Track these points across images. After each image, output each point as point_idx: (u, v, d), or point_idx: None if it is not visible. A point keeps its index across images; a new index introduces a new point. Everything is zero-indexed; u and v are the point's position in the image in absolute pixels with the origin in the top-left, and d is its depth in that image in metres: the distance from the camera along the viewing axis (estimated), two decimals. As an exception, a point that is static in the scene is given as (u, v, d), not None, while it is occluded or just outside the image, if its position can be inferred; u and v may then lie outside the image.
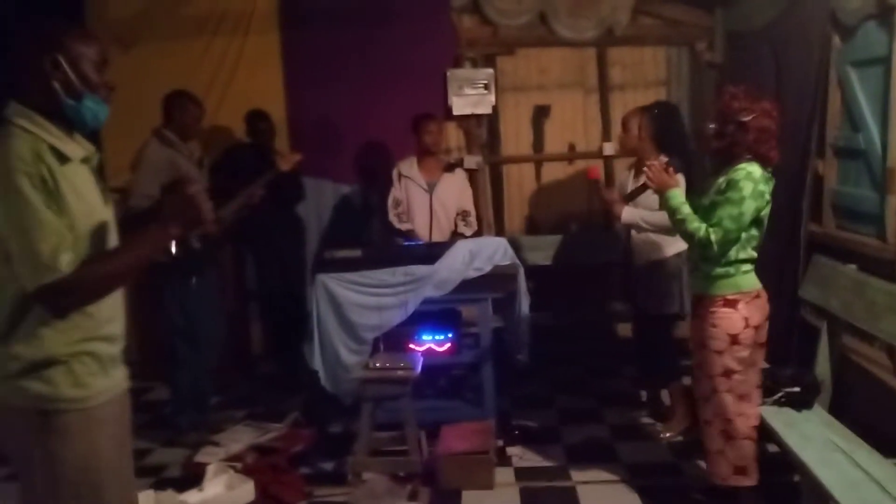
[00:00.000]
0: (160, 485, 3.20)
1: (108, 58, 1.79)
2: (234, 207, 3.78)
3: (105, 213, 1.78)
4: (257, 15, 5.00)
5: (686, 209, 2.65)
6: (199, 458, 3.38)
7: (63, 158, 1.66)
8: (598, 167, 3.91)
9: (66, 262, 1.59)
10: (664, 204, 2.72)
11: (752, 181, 2.55)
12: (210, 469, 3.10)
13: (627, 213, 3.48)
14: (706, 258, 2.65)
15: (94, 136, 1.87)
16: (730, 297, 2.63)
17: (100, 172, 1.84)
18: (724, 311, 2.63)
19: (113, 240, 1.80)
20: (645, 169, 2.80)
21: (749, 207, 2.54)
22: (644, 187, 2.95)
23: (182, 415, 3.82)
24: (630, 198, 3.29)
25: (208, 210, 1.74)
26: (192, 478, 3.19)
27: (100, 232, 1.73)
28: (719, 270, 2.64)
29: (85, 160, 1.74)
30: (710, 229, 2.56)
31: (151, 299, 3.92)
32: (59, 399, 1.68)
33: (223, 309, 4.00)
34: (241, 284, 4.65)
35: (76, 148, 1.73)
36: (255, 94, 4.81)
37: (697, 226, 2.59)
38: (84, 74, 1.71)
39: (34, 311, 1.65)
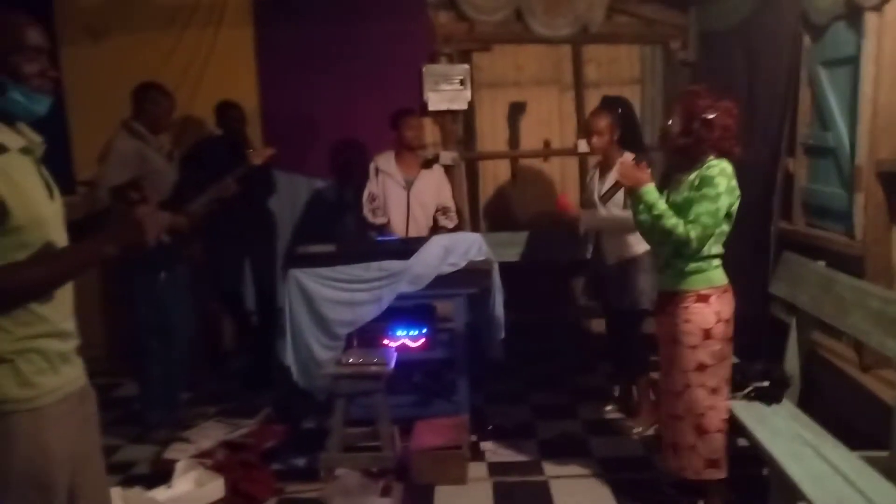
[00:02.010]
0: (128, 482, 3.16)
1: (44, 44, 1.69)
2: (204, 201, 3.72)
3: (47, 205, 1.69)
4: (230, 7, 4.94)
5: (662, 205, 2.66)
6: (169, 454, 3.34)
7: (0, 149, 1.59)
8: (567, 197, 4.01)
9: None
10: (639, 199, 2.71)
11: (725, 177, 2.59)
12: (179, 466, 3.06)
13: (586, 221, 3.58)
14: (680, 254, 2.66)
15: (48, 122, 1.76)
16: (703, 291, 2.65)
17: (58, 164, 1.78)
18: (696, 307, 2.65)
19: (56, 232, 1.71)
20: (618, 166, 2.81)
21: (724, 203, 2.58)
22: (618, 186, 2.95)
23: (152, 411, 3.76)
24: (605, 199, 3.30)
25: (154, 234, 1.70)
26: (161, 475, 3.15)
27: (38, 224, 1.64)
28: (692, 266, 2.66)
29: (25, 150, 1.66)
30: (689, 225, 2.57)
31: (120, 293, 3.87)
32: (5, 400, 1.60)
33: (193, 303, 3.94)
34: (212, 279, 4.58)
35: (15, 138, 1.64)
36: (227, 87, 4.75)
37: (675, 222, 2.60)
38: (12, 65, 1.61)
39: None
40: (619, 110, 3.68)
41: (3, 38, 1.62)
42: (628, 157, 3.40)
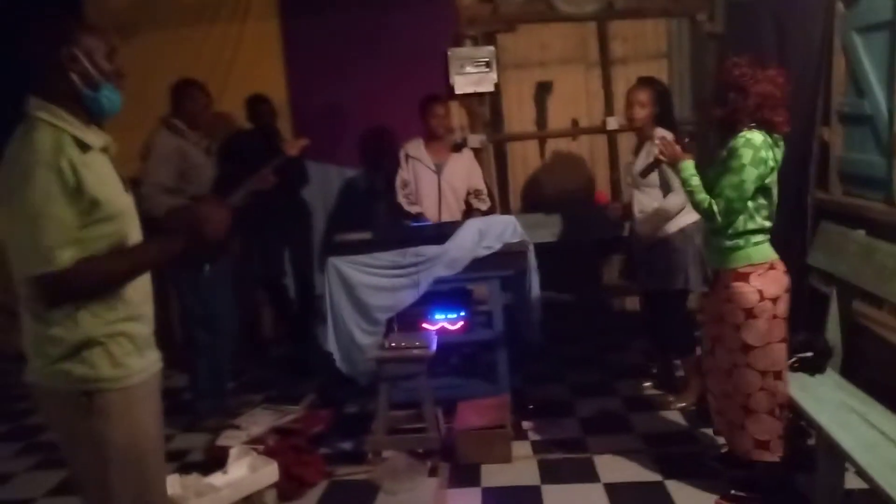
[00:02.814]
0: (184, 469, 3.26)
1: (116, 46, 1.83)
2: (242, 194, 3.79)
3: (125, 199, 1.83)
4: (256, 1, 4.98)
5: (695, 181, 2.65)
6: (221, 441, 3.42)
7: (84, 147, 1.71)
8: (604, 192, 4.01)
9: (67, 257, 1.64)
10: (678, 175, 2.72)
11: (751, 147, 2.51)
12: (233, 452, 3.14)
13: (644, 231, 3.61)
14: (715, 230, 2.64)
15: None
16: (741, 269, 2.59)
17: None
18: (736, 285, 2.59)
19: (133, 226, 1.85)
20: (656, 142, 2.80)
21: (750, 175, 2.50)
22: (656, 163, 2.92)
23: (201, 400, 3.86)
24: (644, 174, 3.29)
25: (220, 228, 1.84)
26: (215, 461, 3.23)
27: (120, 215, 1.78)
28: (729, 243, 2.61)
29: (104, 149, 1.80)
30: (714, 200, 2.55)
31: (166, 288, 3.96)
32: (101, 379, 1.75)
33: (236, 294, 4.03)
34: (252, 270, 4.67)
35: (96, 137, 1.77)
36: (256, 80, 4.81)
37: (703, 197, 2.59)
38: (99, 65, 1.76)
39: None
40: (658, 87, 3.68)
41: (94, 40, 1.75)
42: (663, 132, 3.40)
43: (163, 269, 3.69)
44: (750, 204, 2.57)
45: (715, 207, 2.53)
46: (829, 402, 2.71)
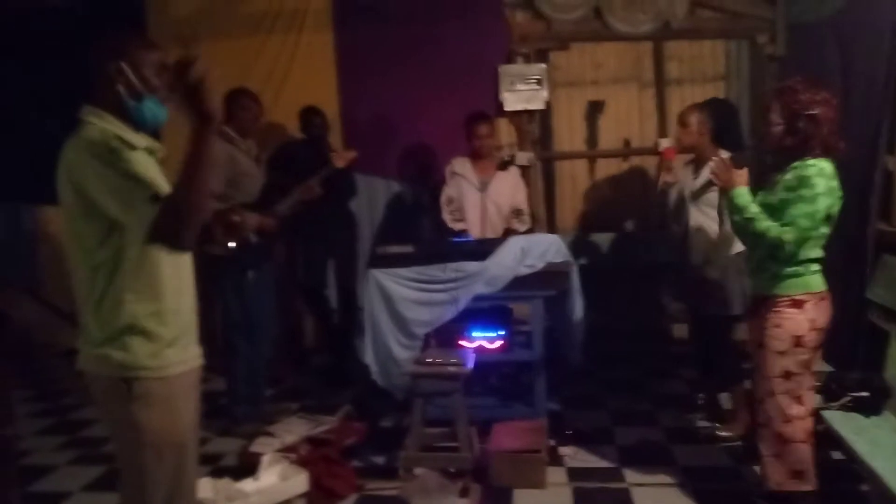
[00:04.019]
0: (217, 473, 3.27)
1: (168, 63, 1.90)
2: (290, 202, 3.84)
3: None
4: (311, 12, 5.07)
5: (755, 208, 2.57)
6: (255, 448, 3.44)
7: (130, 146, 1.80)
8: (673, 149, 3.86)
9: (150, 208, 1.71)
10: (730, 201, 2.63)
11: (824, 177, 2.46)
12: (265, 459, 3.15)
13: (709, 268, 3.50)
14: (775, 257, 2.55)
15: (155, 136, 2.00)
16: (797, 297, 2.54)
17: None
18: (790, 312, 2.54)
19: None
20: (711, 164, 2.71)
21: (823, 204, 2.46)
22: (710, 184, 2.85)
23: (238, 406, 3.89)
24: (696, 196, 3.20)
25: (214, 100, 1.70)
26: (247, 467, 3.25)
27: None
28: (788, 270, 2.54)
29: (149, 150, 1.88)
30: (785, 228, 2.47)
31: (208, 293, 4.01)
32: (140, 367, 1.82)
33: (277, 302, 4.06)
34: (296, 279, 4.71)
35: (140, 138, 1.87)
36: (309, 91, 4.88)
37: (768, 225, 2.51)
38: (144, 78, 1.86)
39: (118, 278, 1.80)
40: (715, 108, 3.61)
41: (144, 55, 1.87)
42: (723, 154, 3.31)
43: (207, 271, 3.76)
44: (814, 232, 2.51)
45: (787, 236, 2.46)
46: (886, 446, 2.56)
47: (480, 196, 4.26)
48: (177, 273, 1.91)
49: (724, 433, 3.59)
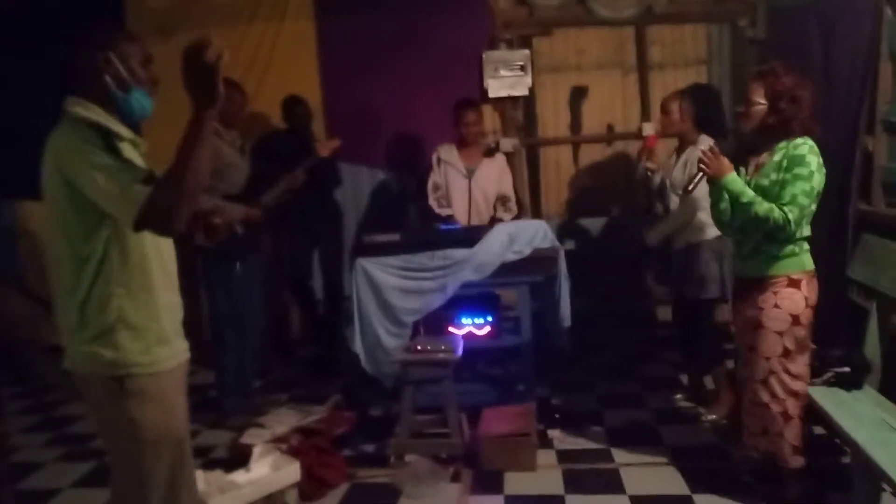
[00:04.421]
0: (208, 465, 3.28)
1: (152, 56, 1.92)
2: (275, 193, 3.82)
3: None
4: (293, 2, 5.02)
5: (749, 192, 2.58)
6: (245, 439, 3.43)
7: (117, 137, 1.80)
8: (656, 136, 3.89)
9: (144, 189, 1.67)
10: (722, 189, 2.64)
11: (815, 154, 2.53)
12: (256, 450, 3.15)
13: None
14: (773, 239, 2.58)
15: (135, 128, 1.97)
16: (794, 276, 2.58)
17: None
18: (787, 291, 2.58)
19: None
20: (700, 157, 2.71)
21: (818, 181, 2.52)
22: (700, 177, 2.81)
23: (227, 398, 3.89)
24: (687, 192, 3.18)
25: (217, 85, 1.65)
26: (238, 459, 3.24)
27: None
28: (786, 250, 2.59)
29: (133, 143, 1.87)
30: (786, 208, 2.49)
31: (196, 285, 3.99)
32: (131, 364, 1.81)
33: (265, 293, 4.05)
34: (278, 269, 4.70)
35: (125, 130, 1.86)
36: (291, 81, 4.85)
37: (769, 206, 2.52)
38: (132, 69, 1.85)
39: (106, 272, 1.79)
40: (697, 93, 3.62)
41: (130, 47, 1.86)
42: (706, 141, 3.34)
43: (194, 263, 3.74)
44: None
45: (790, 215, 2.49)
46: (867, 419, 2.61)
47: (467, 183, 4.27)
48: (164, 267, 1.90)
49: (708, 416, 3.64)
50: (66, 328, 1.85)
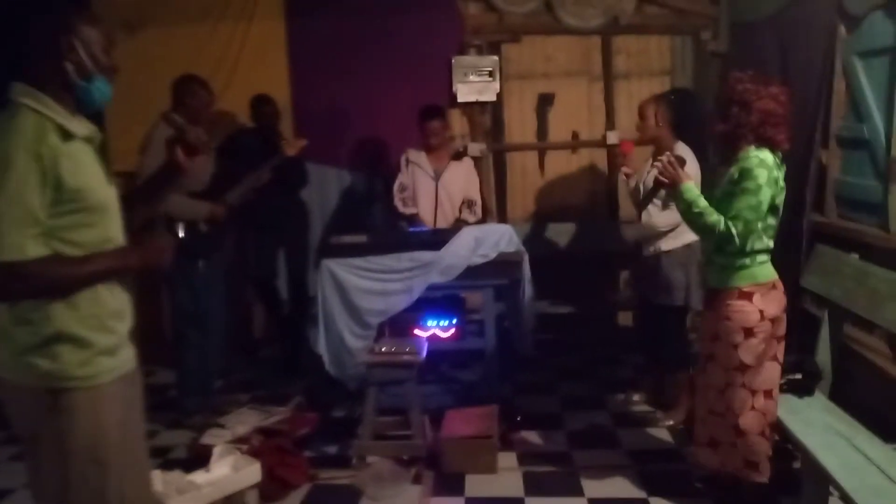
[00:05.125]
0: (167, 466, 3.24)
1: (114, 40, 1.85)
2: (240, 191, 3.81)
3: (108, 191, 1.81)
4: (262, 1, 4.99)
5: (703, 202, 2.57)
6: (206, 439, 3.40)
7: (67, 135, 1.69)
8: (631, 143, 3.86)
9: (33, 248, 1.61)
10: (678, 197, 2.64)
11: (765, 168, 2.48)
12: (216, 451, 3.12)
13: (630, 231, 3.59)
14: (721, 250, 2.59)
15: (97, 118, 1.91)
16: (745, 288, 2.55)
17: (103, 154, 1.86)
18: (738, 304, 2.55)
19: (115, 218, 1.83)
20: (656, 164, 2.74)
21: (766, 196, 2.47)
22: (658, 188, 2.83)
23: (187, 397, 3.84)
24: (645, 202, 3.22)
25: (166, 263, 1.89)
26: (198, 459, 3.20)
27: (102, 207, 1.76)
28: (735, 262, 2.57)
29: (88, 139, 1.77)
30: (730, 222, 2.49)
31: (157, 283, 3.94)
32: (68, 377, 1.70)
33: (227, 292, 4.02)
34: (245, 268, 4.67)
35: (81, 126, 1.76)
36: (259, 80, 4.81)
37: (717, 219, 2.51)
38: (96, 57, 1.76)
39: None
40: (672, 98, 3.62)
41: (94, 32, 1.76)
42: (683, 147, 3.39)
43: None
44: (759, 224, 2.54)
45: (734, 229, 2.48)
46: (817, 424, 2.70)
47: (434, 184, 4.30)
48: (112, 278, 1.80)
49: (667, 421, 3.71)
50: None
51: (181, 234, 2.11)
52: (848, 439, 2.56)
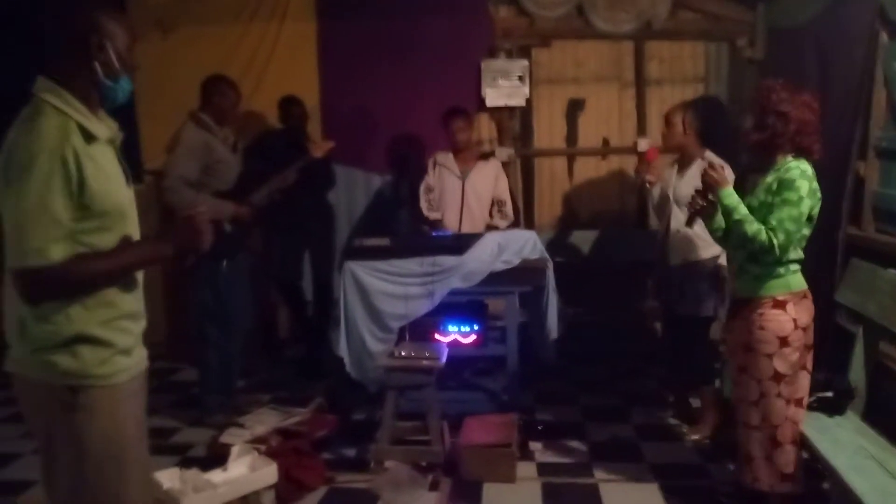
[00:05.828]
0: (185, 463, 3.26)
1: (137, 37, 1.87)
2: (265, 192, 3.82)
3: (126, 194, 1.81)
4: (294, 2, 5.02)
5: (743, 209, 2.55)
6: (224, 438, 3.41)
7: (90, 138, 1.69)
8: (656, 149, 3.79)
9: (58, 253, 1.61)
10: (717, 202, 2.60)
11: (807, 179, 2.48)
12: (234, 450, 3.13)
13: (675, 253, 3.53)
14: (755, 259, 2.56)
15: (127, 115, 1.91)
16: (779, 297, 2.54)
17: (126, 153, 1.88)
18: (773, 313, 2.53)
19: (132, 219, 1.83)
20: (706, 171, 2.68)
21: (807, 207, 2.48)
22: (704, 191, 2.68)
23: (209, 396, 3.86)
24: (689, 223, 3.13)
25: (207, 239, 1.83)
26: (216, 458, 3.22)
27: (119, 210, 1.76)
28: (770, 271, 2.55)
29: (110, 141, 1.78)
30: (772, 232, 2.47)
31: (182, 281, 3.97)
32: (87, 375, 1.71)
33: (251, 292, 4.03)
34: (270, 269, 4.69)
35: (102, 128, 1.75)
36: (289, 81, 4.84)
37: (757, 228, 2.49)
38: (122, 56, 1.76)
39: None
40: (700, 106, 3.58)
41: (122, 32, 1.76)
42: (711, 155, 3.33)
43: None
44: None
45: (775, 240, 2.46)
46: (847, 445, 2.60)
47: (461, 184, 4.29)
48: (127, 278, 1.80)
49: (692, 436, 3.62)
50: (16, 328, 1.71)
51: (227, 229, 2.09)
52: (880, 462, 2.46)
